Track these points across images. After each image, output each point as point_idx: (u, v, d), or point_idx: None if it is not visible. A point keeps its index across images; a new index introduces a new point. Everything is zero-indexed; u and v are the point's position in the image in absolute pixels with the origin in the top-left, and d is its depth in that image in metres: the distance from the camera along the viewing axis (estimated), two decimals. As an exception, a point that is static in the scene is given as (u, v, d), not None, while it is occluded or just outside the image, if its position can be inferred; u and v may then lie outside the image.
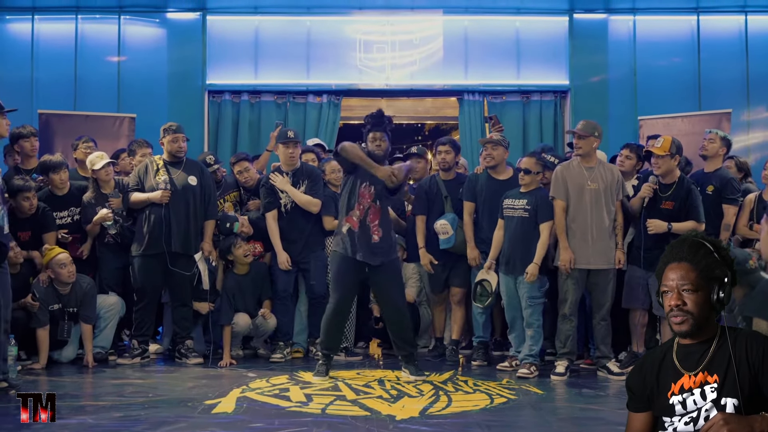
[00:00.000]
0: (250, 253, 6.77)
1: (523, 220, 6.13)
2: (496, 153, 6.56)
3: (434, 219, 6.71)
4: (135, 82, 9.18)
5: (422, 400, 5.06)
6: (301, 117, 9.32)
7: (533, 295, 6.08)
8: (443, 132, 11.59)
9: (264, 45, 9.41)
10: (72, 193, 6.79)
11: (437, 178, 6.93)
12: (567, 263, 6.00)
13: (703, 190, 6.40)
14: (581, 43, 9.35)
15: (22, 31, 9.20)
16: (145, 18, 9.35)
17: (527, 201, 6.14)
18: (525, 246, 6.11)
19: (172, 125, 6.71)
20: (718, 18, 9.39)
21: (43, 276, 6.24)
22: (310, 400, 5.01)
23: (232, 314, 6.67)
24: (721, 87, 9.16)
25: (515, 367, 6.14)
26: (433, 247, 6.75)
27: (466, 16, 9.43)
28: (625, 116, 9.10)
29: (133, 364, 6.47)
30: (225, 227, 6.80)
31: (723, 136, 6.67)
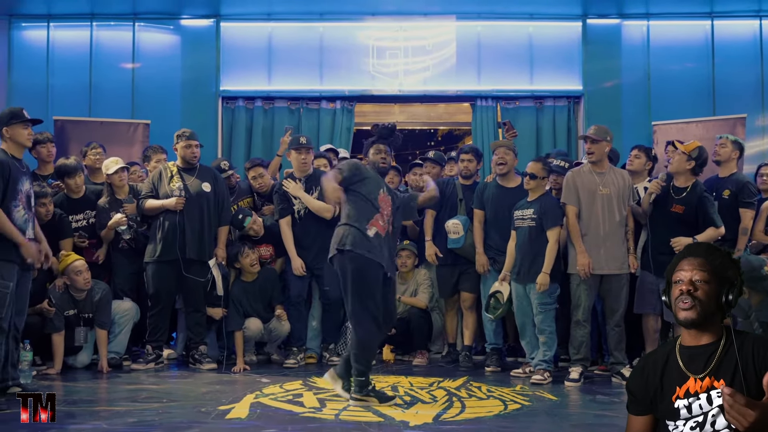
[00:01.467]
0: (256, 262, 6.79)
1: (530, 229, 6.14)
2: (508, 158, 6.57)
3: (446, 219, 6.73)
4: (149, 89, 9.23)
5: (436, 406, 5.05)
6: (314, 123, 9.34)
7: (544, 301, 6.06)
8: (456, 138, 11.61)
9: (277, 51, 9.44)
10: (87, 197, 6.85)
11: (456, 181, 6.96)
12: (585, 268, 5.99)
13: (719, 194, 6.37)
14: (594, 48, 9.34)
15: (37, 39, 9.27)
16: (159, 25, 9.41)
17: (533, 210, 6.15)
18: (533, 254, 6.11)
19: (186, 131, 6.75)
20: (732, 23, 9.35)
21: (59, 282, 6.27)
22: (324, 406, 5.00)
23: (240, 320, 6.69)
24: (736, 92, 9.12)
25: (529, 374, 6.12)
26: (441, 249, 6.81)
27: (479, 21, 9.44)
28: (639, 121, 9.07)
29: (147, 369, 6.48)
30: (237, 219, 6.85)
31: (734, 140, 6.62)
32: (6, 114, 5.26)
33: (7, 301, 4.98)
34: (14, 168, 5.09)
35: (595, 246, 6.05)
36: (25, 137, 5.27)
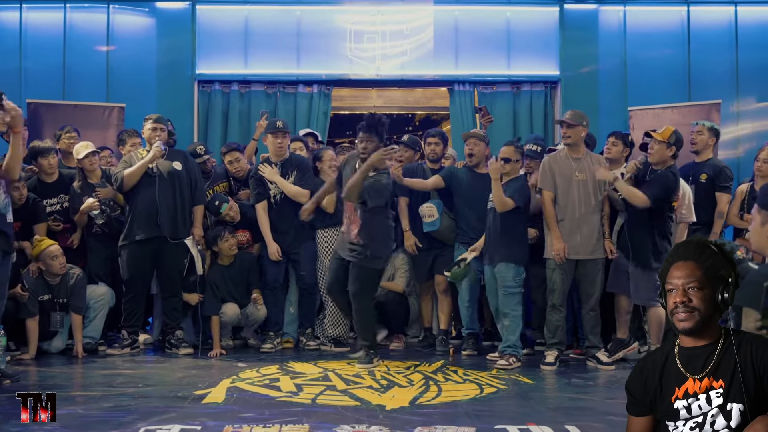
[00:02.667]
0: (235, 247, 6.78)
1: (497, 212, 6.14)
2: (477, 149, 6.61)
3: (418, 204, 6.74)
4: (124, 72, 9.12)
5: (412, 390, 5.08)
6: (291, 107, 9.29)
7: (507, 284, 6.09)
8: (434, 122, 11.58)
9: (254, 35, 9.35)
10: (61, 181, 6.80)
11: (424, 166, 6.96)
12: (560, 252, 6.03)
13: (695, 179, 6.42)
14: (571, 33, 9.34)
15: (10, 21, 9.12)
16: (134, 7, 9.29)
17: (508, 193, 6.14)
18: (501, 237, 6.12)
19: (152, 116, 6.76)
20: (708, 9, 9.38)
21: (33, 267, 6.22)
22: (301, 390, 5.01)
23: (218, 305, 6.68)
24: (711, 78, 9.16)
25: (513, 365, 6.13)
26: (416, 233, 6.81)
27: (456, 6, 9.41)
28: (615, 107, 9.10)
29: (123, 354, 6.46)
30: (213, 205, 6.83)
31: (710, 127, 6.68)
32: None
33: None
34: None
35: (570, 231, 6.09)
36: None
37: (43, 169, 6.71)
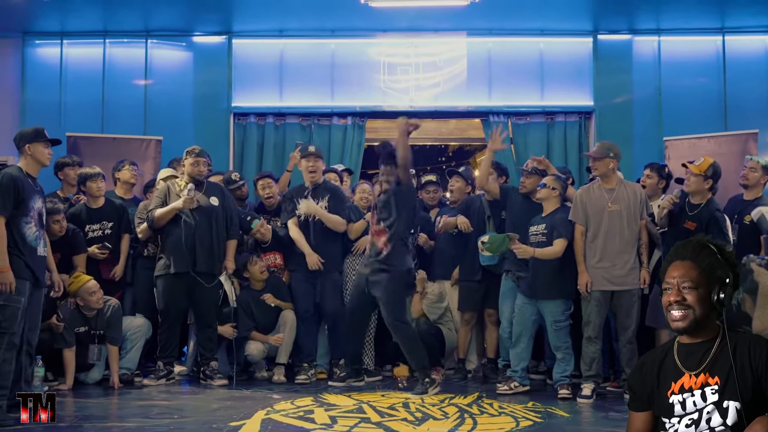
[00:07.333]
0: (265, 270, 6.81)
1: (541, 245, 6.14)
2: (528, 182, 6.58)
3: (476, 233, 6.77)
4: (161, 105, 9.26)
5: (447, 422, 5.03)
6: (325, 139, 9.35)
7: (557, 319, 6.10)
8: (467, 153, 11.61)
9: (289, 68, 9.46)
10: (106, 207, 6.93)
11: (483, 198, 6.97)
12: (584, 286, 6.00)
13: (740, 219, 6.30)
14: (605, 64, 9.32)
15: (51, 56, 9.32)
16: (171, 42, 9.45)
17: (545, 225, 6.17)
18: (545, 271, 6.11)
19: (195, 149, 6.76)
20: (743, 38, 9.32)
21: (70, 300, 6.29)
22: (335, 423, 4.99)
23: (251, 324, 6.76)
24: (748, 107, 9.07)
25: (514, 389, 6.13)
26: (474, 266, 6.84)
27: (489, 38, 9.44)
28: (651, 137, 9.03)
29: (159, 385, 6.49)
30: (245, 221, 6.88)
31: (765, 165, 6.46)
32: (30, 132, 5.42)
33: (18, 317, 5.02)
34: (28, 186, 5.21)
35: (604, 262, 6.03)
36: (46, 156, 5.44)
37: (91, 192, 6.85)
